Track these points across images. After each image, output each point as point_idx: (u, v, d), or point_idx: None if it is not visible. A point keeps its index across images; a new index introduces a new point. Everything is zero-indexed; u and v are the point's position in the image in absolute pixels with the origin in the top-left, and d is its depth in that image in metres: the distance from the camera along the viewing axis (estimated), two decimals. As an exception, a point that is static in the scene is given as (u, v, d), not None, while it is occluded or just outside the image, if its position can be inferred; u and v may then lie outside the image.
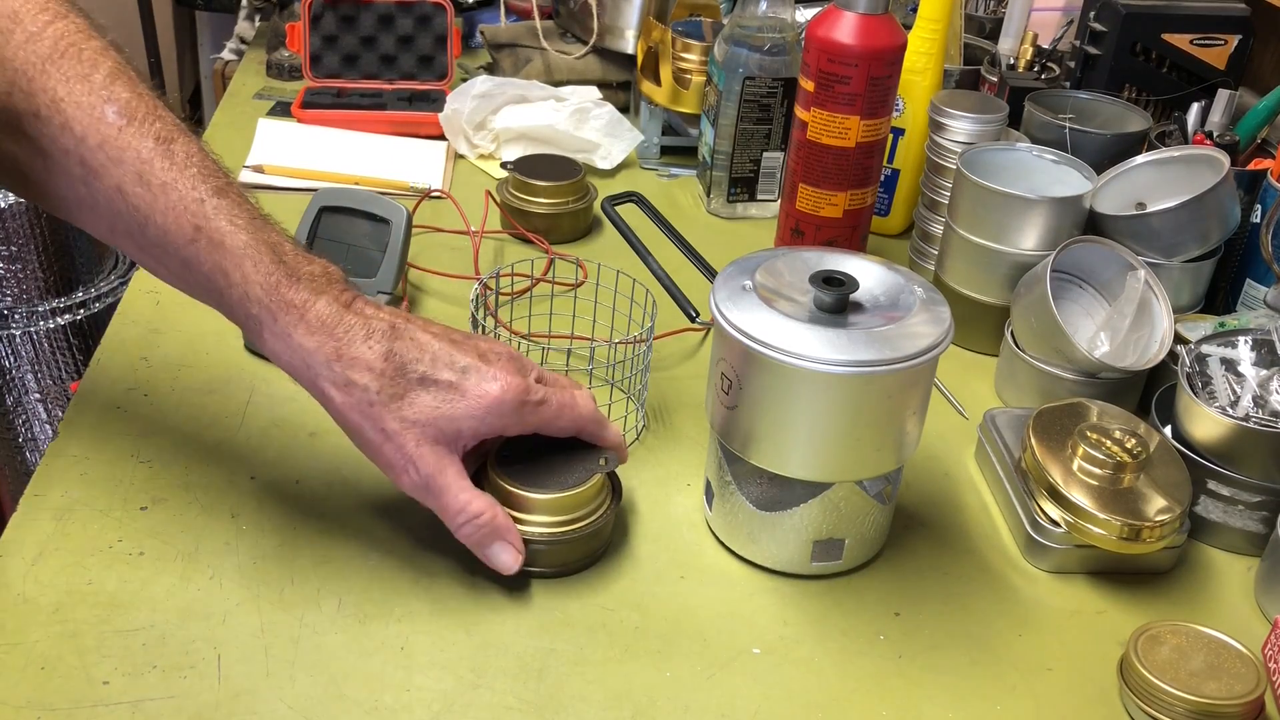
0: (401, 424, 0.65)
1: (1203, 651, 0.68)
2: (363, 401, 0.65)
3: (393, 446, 0.65)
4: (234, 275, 0.65)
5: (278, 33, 1.51)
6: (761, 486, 0.74)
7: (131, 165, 0.65)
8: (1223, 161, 0.94)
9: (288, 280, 0.65)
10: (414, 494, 0.68)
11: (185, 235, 0.65)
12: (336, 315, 0.65)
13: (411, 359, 0.65)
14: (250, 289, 0.64)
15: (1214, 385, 0.84)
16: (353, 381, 0.64)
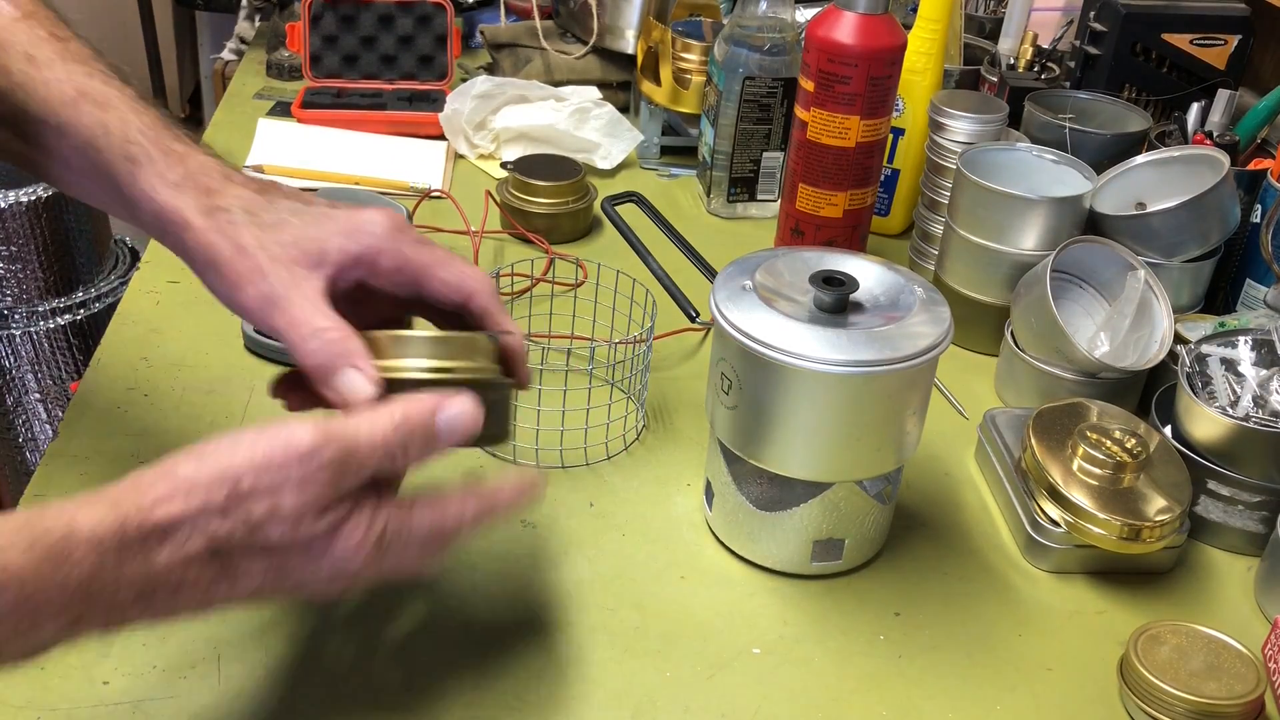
0: (259, 239, 0.59)
1: (1203, 651, 0.68)
2: (224, 221, 0.59)
3: (245, 258, 0.58)
4: (114, 125, 0.61)
5: (278, 33, 1.51)
6: (762, 486, 0.74)
7: (21, 48, 0.62)
8: (1223, 161, 0.94)
9: (170, 133, 0.62)
10: (259, 311, 0.58)
11: (66, 99, 0.62)
12: (219, 168, 0.62)
13: (286, 194, 0.62)
14: (130, 131, 0.61)
15: (1214, 385, 0.84)
16: (219, 207, 0.60)
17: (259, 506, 0.49)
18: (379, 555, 0.53)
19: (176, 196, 0.60)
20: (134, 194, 0.61)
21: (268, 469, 0.49)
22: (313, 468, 0.50)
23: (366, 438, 0.52)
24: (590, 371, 0.91)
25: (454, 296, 0.62)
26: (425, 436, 0.54)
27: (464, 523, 0.56)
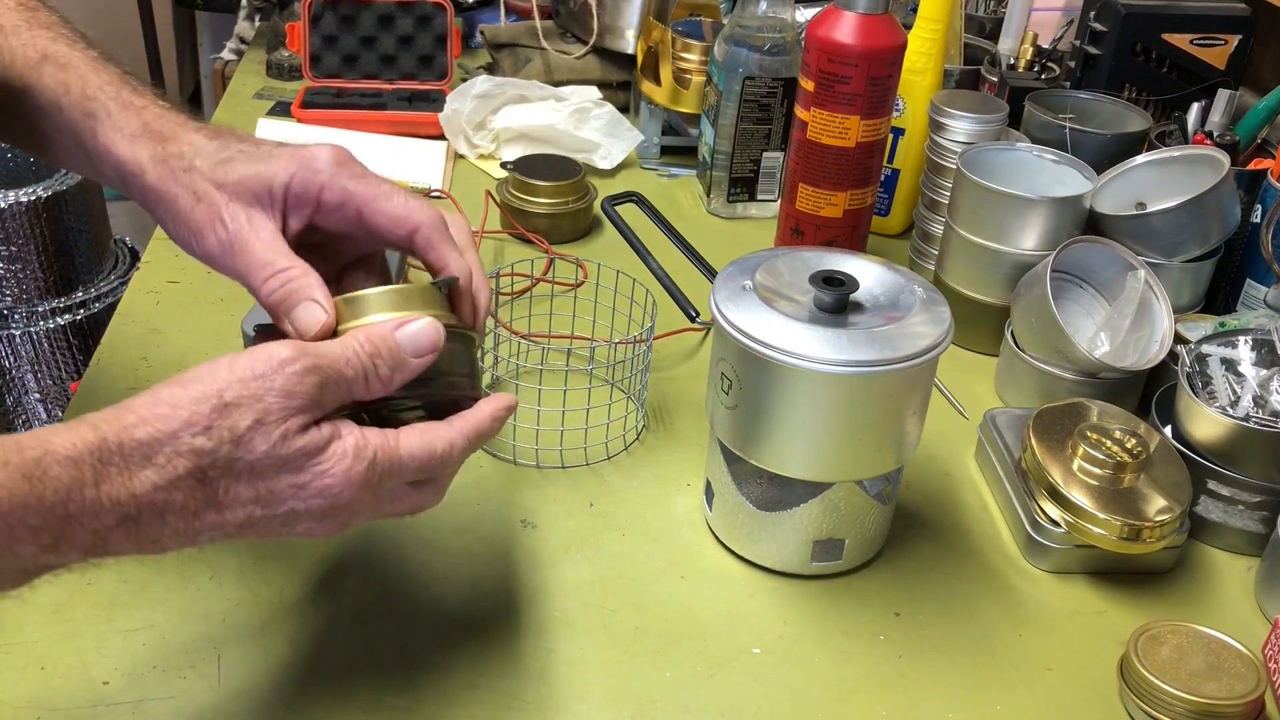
0: (216, 185, 0.59)
1: (1203, 651, 0.68)
2: (178, 169, 0.60)
3: (204, 206, 0.59)
4: (74, 84, 0.62)
5: (277, 33, 1.51)
6: (762, 486, 0.74)
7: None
8: (1223, 161, 0.94)
9: (129, 88, 0.63)
10: (221, 257, 0.60)
11: (30, 63, 0.63)
12: (177, 116, 0.62)
13: (239, 136, 0.63)
14: (88, 87, 0.62)
15: (1214, 385, 0.84)
16: (173, 154, 0.60)
17: (244, 418, 0.49)
18: (371, 486, 0.53)
19: (134, 147, 0.61)
20: (95, 148, 0.62)
21: (250, 380, 0.50)
22: (294, 374, 0.50)
23: (340, 353, 0.52)
24: (590, 371, 0.91)
25: (398, 230, 0.60)
26: (391, 352, 0.54)
27: (454, 449, 0.56)
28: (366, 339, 0.54)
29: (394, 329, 0.54)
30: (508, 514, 0.79)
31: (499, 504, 0.79)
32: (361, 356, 0.53)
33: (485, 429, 0.58)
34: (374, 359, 0.53)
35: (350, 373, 0.52)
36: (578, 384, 0.89)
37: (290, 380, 0.50)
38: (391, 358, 0.54)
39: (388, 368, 0.54)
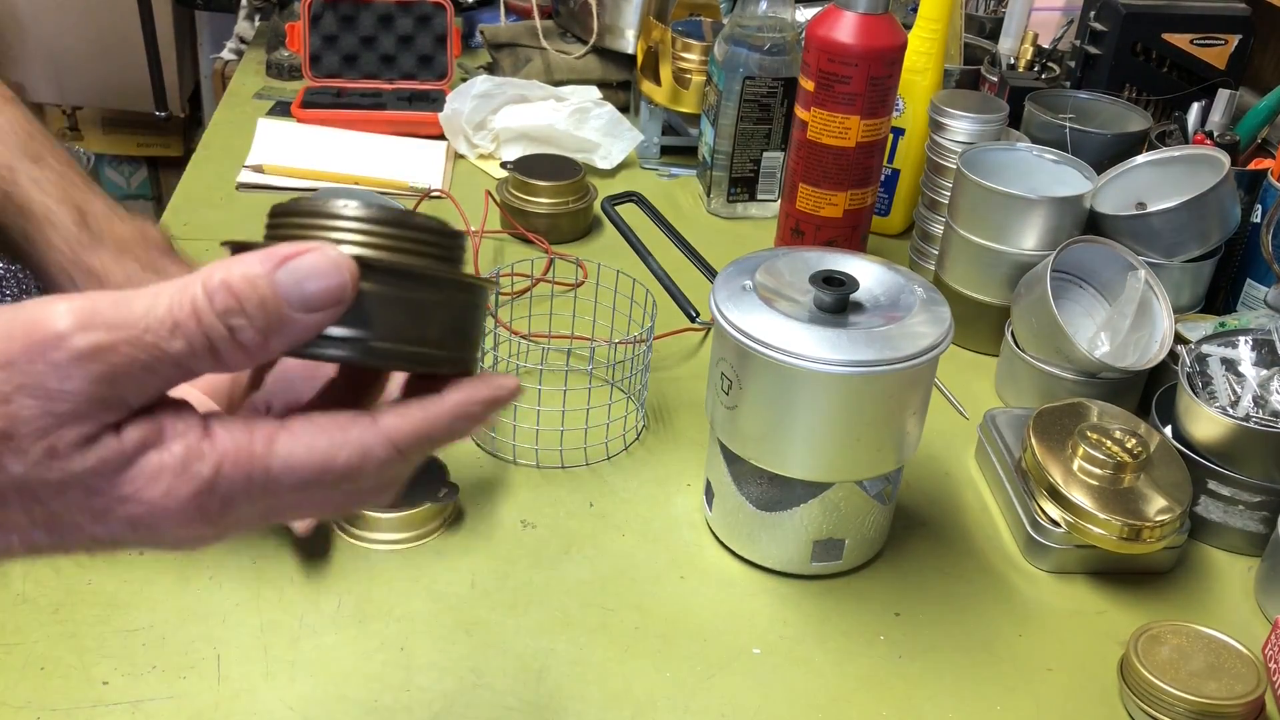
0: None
1: (1203, 651, 0.68)
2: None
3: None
4: (38, 240, 0.63)
5: (277, 32, 1.51)
6: (762, 486, 0.74)
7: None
8: (1223, 161, 0.94)
9: (89, 245, 0.63)
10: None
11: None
12: (134, 283, 0.61)
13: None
14: (51, 254, 0.63)
15: (1214, 385, 0.84)
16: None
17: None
18: (209, 516, 0.35)
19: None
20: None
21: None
22: (62, 362, 0.32)
23: (149, 317, 0.33)
24: (590, 371, 0.91)
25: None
26: (260, 301, 0.33)
27: (369, 461, 0.36)
28: (220, 281, 0.33)
29: (273, 266, 0.34)
30: (508, 514, 0.79)
31: (499, 504, 0.79)
32: (200, 315, 0.33)
33: (439, 431, 0.37)
34: (227, 316, 0.33)
35: (174, 347, 0.33)
36: (578, 384, 0.89)
37: (55, 373, 0.33)
38: (261, 309, 0.34)
39: (254, 328, 0.34)
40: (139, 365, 0.33)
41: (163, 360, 0.33)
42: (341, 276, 0.34)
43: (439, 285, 0.37)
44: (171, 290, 0.33)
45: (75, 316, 0.33)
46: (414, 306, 0.37)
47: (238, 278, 0.33)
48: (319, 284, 0.34)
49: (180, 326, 0.33)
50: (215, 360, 0.34)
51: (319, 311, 0.34)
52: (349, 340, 0.36)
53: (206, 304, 0.33)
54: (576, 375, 0.91)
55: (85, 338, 0.33)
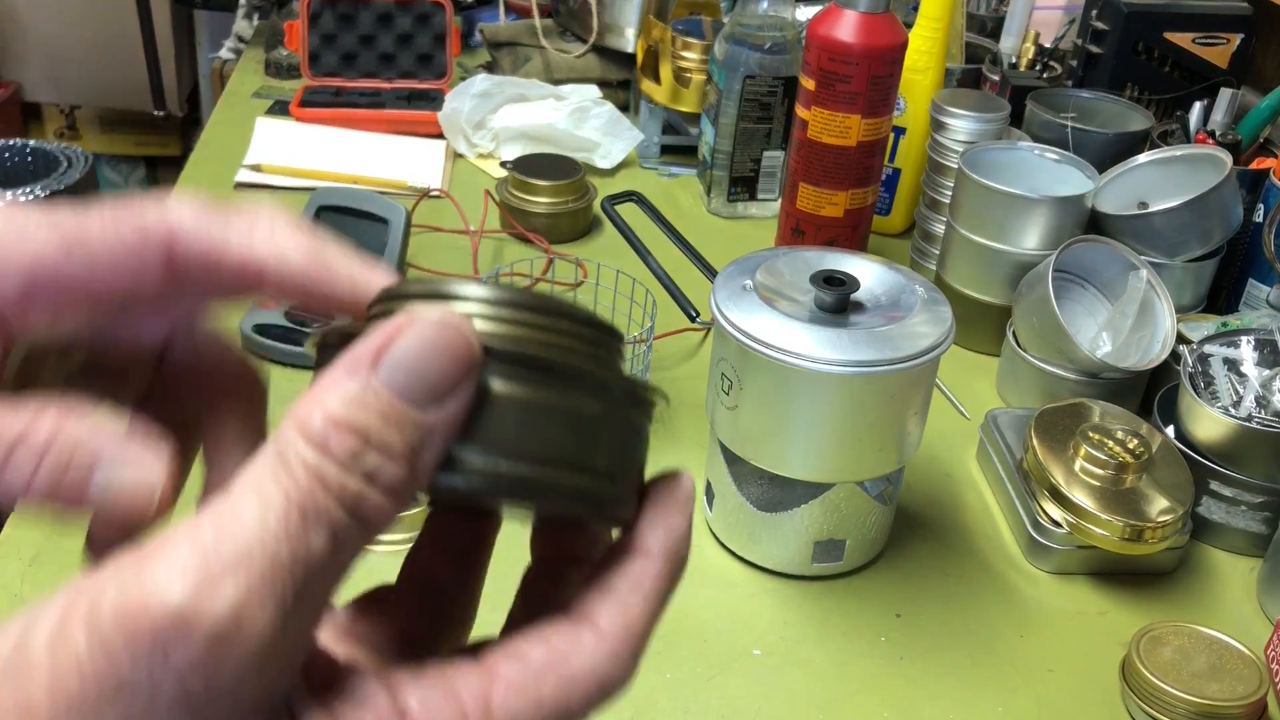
0: None
1: (1205, 652, 0.67)
2: None
3: None
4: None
5: (276, 31, 1.51)
6: (762, 487, 0.74)
7: None
8: (1225, 161, 0.94)
9: None
10: None
11: None
12: None
13: None
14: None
15: (1216, 385, 0.84)
16: None
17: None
18: None
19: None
20: None
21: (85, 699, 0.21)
22: (185, 662, 0.21)
23: (270, 519, 0.23)
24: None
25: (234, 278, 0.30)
26: (383, 416, 0.24)
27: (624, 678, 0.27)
28: (318, 430, 0.23)
29: (368, 365, 0.24)
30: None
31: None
32: (326, 480, 0.23)
33: (659, 604, 0.27)
34: (358, 461, 0.23)
35: (316, 547, 0.23)
36: (577, 384, 0.89)
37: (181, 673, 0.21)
38: (397, 430, 0.24)
39: (396, 456, 0.24)
40: (287, 606, 0.22)
41: (312, 579, 0.23)
42: (458, 338, 0.24)
43: (606, 391, 0.27)
44: (266, 473, 0.23)
45: (187, 579, 0.21)
46: (578, 419, 0.26)
47: (338, 405, 0.23)
48: (436, 360, 0.24)
49: (309, 513, 0.23)
50: (366, 531, 0.24)
51: (448, 400, 0.24)
52: (489, 469, 0.25)
53: (323, 460, 0.23)
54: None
55: (192, 646, 0.21)
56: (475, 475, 0.25)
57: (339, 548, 0.23)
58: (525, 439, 0.25)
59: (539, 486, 0.25)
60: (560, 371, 0.26)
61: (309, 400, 0.24)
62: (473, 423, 0.25)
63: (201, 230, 0.29)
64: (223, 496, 0.23)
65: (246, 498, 0.23)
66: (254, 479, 0.23)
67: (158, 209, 0.29)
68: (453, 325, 0.24)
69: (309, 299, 0.30)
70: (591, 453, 0.26)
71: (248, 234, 0.29)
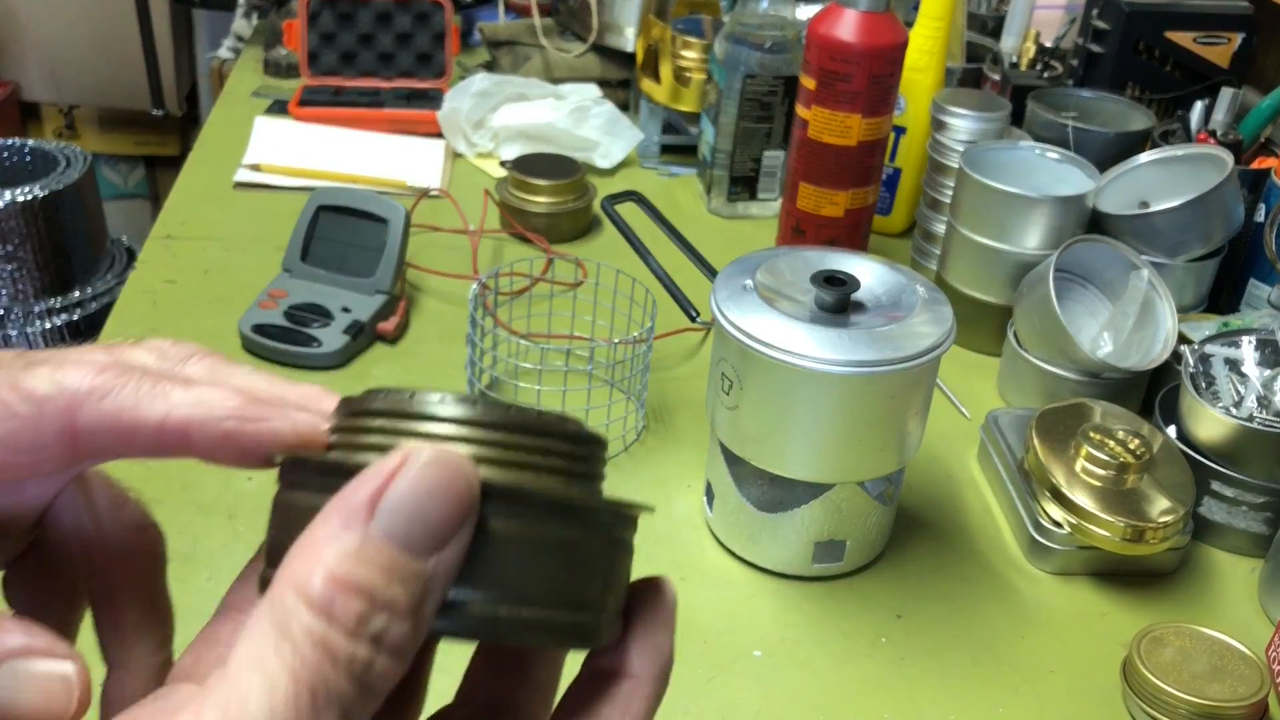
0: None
1: (1206, 653, 0.67)
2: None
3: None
4: None
5: (275, 30, 1.50)
6: (762, 487, 0.74)
7: None
8: (1226, 160, 0.94)
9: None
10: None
11: None
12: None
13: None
14: None
15: (1218, 385, 0.84)
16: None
17: None
18: None
19: None
20: None
21: None
22: None
23: (277, 701, 0.21)
24: (590, 372, 0.90)
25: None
26: (387, 572, 0.22)
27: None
28: (319, 593, 0.22)
29: (364, 514, 0.22)
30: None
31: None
32: (334, 651, 0.22)
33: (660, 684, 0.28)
34: (364, 626, 0.22)
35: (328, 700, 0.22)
36: (577, 384, 0.89)
37: None
38: (400, 585, 0.23)
39: (400, 611, 0.23)
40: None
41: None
42: (458, 479, 0.23)
43: (593, 520, 0.26)
44: (268, 647, 0.21)
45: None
46: (573, 552, 0.25)
47: (339, 563, 0.22)
48: (437, 504, 0.23)
49: (319, 694, 0.21)
50: (372, 700, 0.23)
51: (449, 546, 0.23)
52: (488, 614, 0.24)
53: (330, 629, 0.21)
54: (576, 375, 0.90)
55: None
56: (474, 620, 0.24)
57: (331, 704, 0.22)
58: (523, 579, 0.24)
59: (536, 627, 0.25)
60: (555, 505, 0.25)
61: (304, 558, 0.22)
62: (466, 563, 0.24)
63: (107, 396, 0.26)
64: (221, 676, 0.21)
65: (250, 679, 0.21)
66: (254, 654, 0.21)
67: (50, 377, 0.26)
68: (452, 465, 0.23)
69: (246, 457, 0.27)
70: (587, 586, 0.26)
71: (163, 394, 0.26)
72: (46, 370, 0.26)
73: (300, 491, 0.25)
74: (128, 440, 0.26)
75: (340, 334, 0.92)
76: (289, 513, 0.25)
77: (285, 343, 0.90)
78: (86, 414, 0.26)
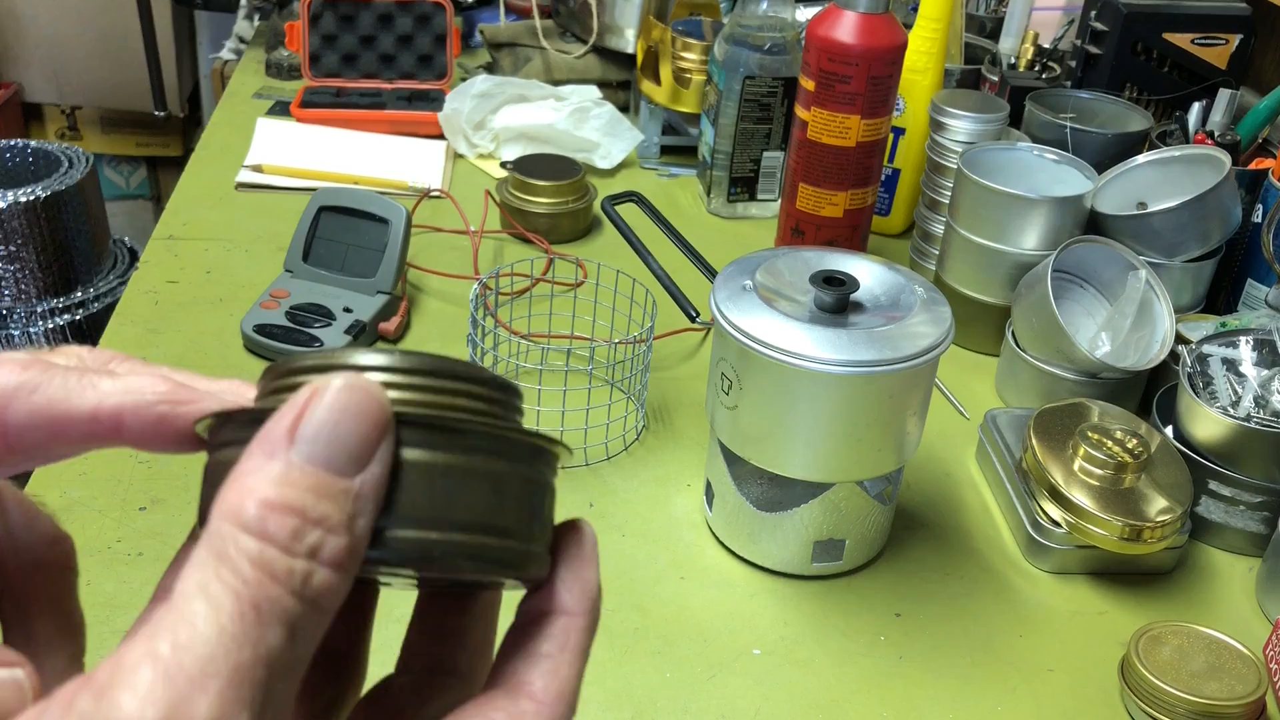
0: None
1: (1204, 652, 0.68)
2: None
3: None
4: None
5: (277, 32, 1.51)
6: (762, 487, 0.74)
7: None
8: (1224, 161, 0.94)
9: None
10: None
11: None
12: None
13: None
14: None
15: (1215, 385, 0.84)
16: None
17: None
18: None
19: None
20: None
21: None
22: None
23: (223, 620, 0.22)
24: (590, 372, 0.90)
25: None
26: (316, 490, 0.23)
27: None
28: (251, 516, 0.22)
29: (284, 440, 0.23)
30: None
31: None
32: (272, 568, 0.22)
33: (578, 670, 0.28)
34: (298, 541, 0.23)
35: (273, 642, 0.22)
36: (577, 384, 0.89)
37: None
38: (330, 501, 0.23)
39: (336, 527, 0.23)
40: (257, 710, 0.22)
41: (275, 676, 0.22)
42: (368, 399, 0.24)
43: (516, 449, 0.27)
44: (209, 572, 0.22)
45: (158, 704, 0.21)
46: (494, 480, 0.26)
47: (268, 487, 0.23)
48: (351, 423, 0.24)
49: (263, 607, 0.22)
50: (319, 615, 0.23)
51: (371, 464, 0.24)
52: (417, 539, 0.25)
53: (266, 546, 0.22)
54: (576, 375, 0.91)
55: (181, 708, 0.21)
56: (407, 546, 0.24)
57: (297, 638, 0.22)
58: (450, 506, 0.25)
59: (467, 553, 0.25)
60: (469, 433, 0.25)
61: (234, 490, 0.23)
62: (390, 493, 0.24)
63: (36, 391, 0.26)
64: (166, 607, 0.22)
65: (195, 604, 0.22)
66: (196, 582, 0.22)
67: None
68: (359, 387, 0.24)
69: (179, 440, 0.27)
70: (513, 515, 0.26)
71: (92, 384, 0.27)
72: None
73: (226, 448, 0.26)
74: (60, 433, 0.26)
75: (342, 334, 0.92)
76: (216, 470, 0.26)
77: (287, 343, 0.91)
78: (16, 410, 0.26)
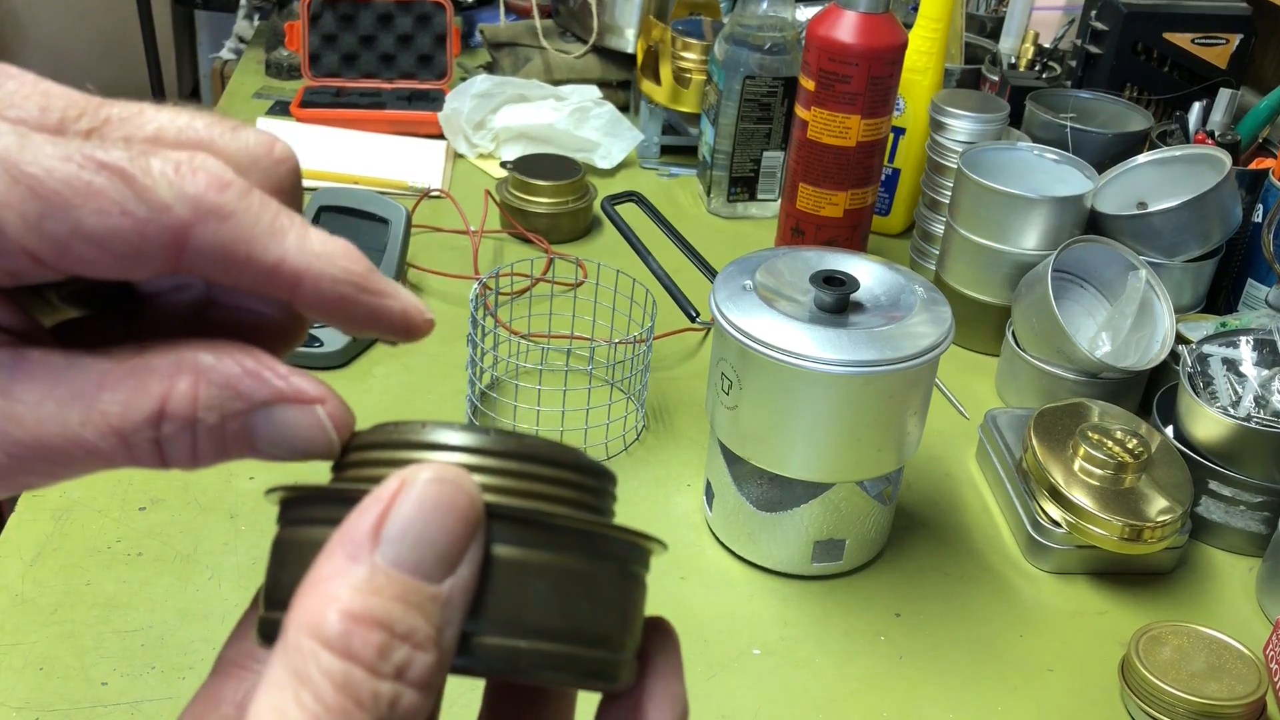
0: None
1: (1204, 652, 0.68)
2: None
3: None
4: None
5: (276, 32, 1.51)
6: (762, 487, 0.74)
7: None
8: (1224, 161, 0.94)
9: None
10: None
11: None
12: None
13: None
14: None
15: (1215, 385, 0.84)
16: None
17: None
18: None
19: None
20: None
21: None
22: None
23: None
24: (590, 371, 0.90)
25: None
26: (403, 600, 0.21)
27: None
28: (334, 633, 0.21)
29: (369, 543, 0.22)
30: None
31: (499, 504, 0.79)
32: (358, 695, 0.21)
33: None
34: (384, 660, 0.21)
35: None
36: (577, 384, 0.89)
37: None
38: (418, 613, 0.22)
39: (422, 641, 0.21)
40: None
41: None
42: (459, 495, 0.22)
43: (607, 549, 0.24)
44: (287, 696, 0.20)
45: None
46: (590, 584, 0.24)
47: (348, 593, 0.21)
48: (440, 523, 0.22)
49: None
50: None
51: (461, 567, 0.22)
52: (507, 647, 0.23)
53: (351, 667, 0.20)
54: (576, 375, 0.91)
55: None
56: (494, 654, 0.23)
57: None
58: (541, 611, 0.23)
59: (556, 662, 0.23)
60: (565, 530, 0.23)
61: (314, 597, 0.21)
62: (478, 595, 0.22)
63: (227, 221, 0.23)
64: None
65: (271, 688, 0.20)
66: (273, 706, 0.20)
67: (171, 181, 0.23)
68: (450, 481, 0.22)
69: (349, 324, 0.26)
70: (604, 621, 0.24)
71: (282, 231, 0.24)
72: (167, 169, 0.23)
73: (301, 527, 0.24)
74: (235, 272, 0.24)
75: (342, 333, 0.92)
76: (290, 550, 0.24)
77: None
78: (201, 235, 0.23)
